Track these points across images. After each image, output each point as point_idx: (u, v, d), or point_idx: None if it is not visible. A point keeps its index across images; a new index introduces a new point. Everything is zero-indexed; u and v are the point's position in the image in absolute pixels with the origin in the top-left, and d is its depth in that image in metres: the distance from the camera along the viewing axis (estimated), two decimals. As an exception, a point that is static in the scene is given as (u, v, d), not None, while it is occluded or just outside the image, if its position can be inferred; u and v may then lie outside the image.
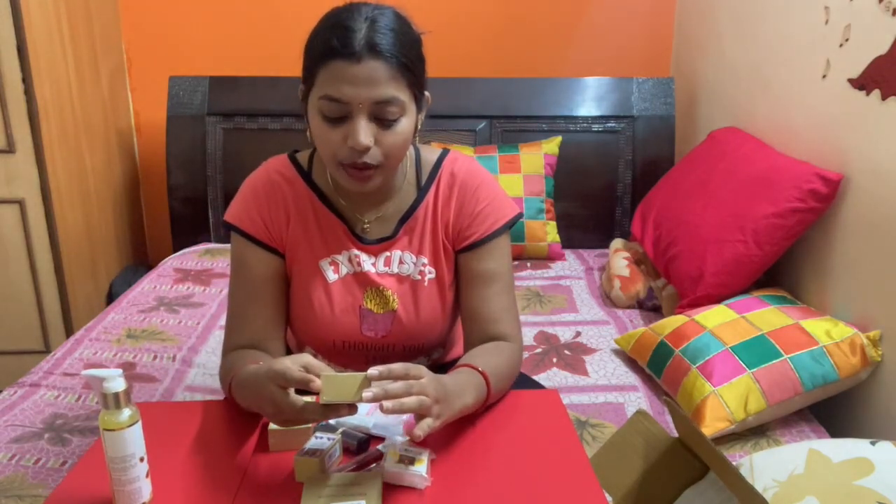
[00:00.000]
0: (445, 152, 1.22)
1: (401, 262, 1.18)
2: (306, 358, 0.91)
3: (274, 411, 0.91)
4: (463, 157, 1.22)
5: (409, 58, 1.03)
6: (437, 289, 1.19)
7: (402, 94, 1.03)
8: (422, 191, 1.18)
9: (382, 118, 1.02)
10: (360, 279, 1.17)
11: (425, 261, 1.18)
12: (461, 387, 1.00)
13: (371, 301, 1.17)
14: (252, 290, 1.16)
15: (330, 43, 1.00)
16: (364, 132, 1.01)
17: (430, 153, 1.22)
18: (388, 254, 1.18)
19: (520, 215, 1.21)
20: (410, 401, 0.88)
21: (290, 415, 0.90)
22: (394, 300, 1.17)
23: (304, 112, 1.09)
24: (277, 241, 1.16)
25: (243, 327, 1.15)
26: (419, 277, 1.18)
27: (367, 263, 1.17)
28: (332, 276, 1.17)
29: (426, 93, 1.11)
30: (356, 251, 1.17)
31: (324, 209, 1.17)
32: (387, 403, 0.86)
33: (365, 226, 1.18)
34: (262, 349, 1.14)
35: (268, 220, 1.15)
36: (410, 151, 1.19)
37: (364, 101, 1.00)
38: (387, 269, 1.18)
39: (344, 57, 0.99)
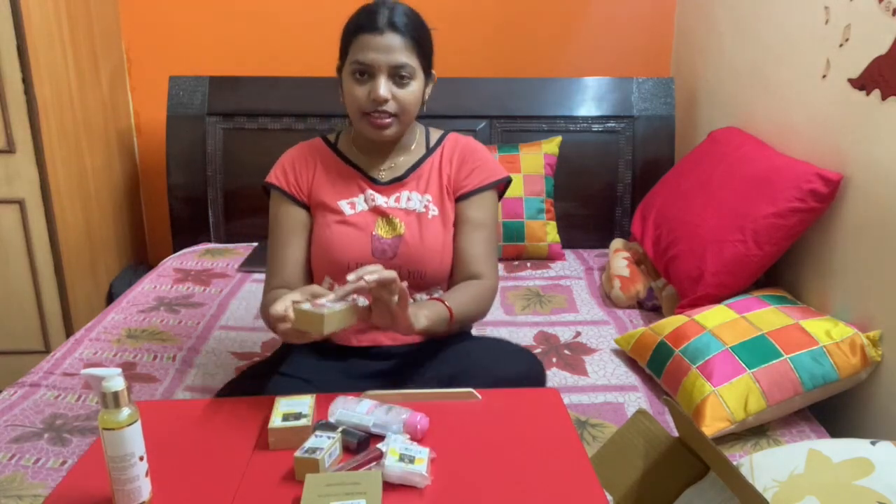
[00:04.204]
0: (448, 131, 1.51)
1: (409, 199, 1.42)
2: (313, 287, 1.16)
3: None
4: (462, 135, 1.52)
5: (419, 35, 1.33)
6: (441, 224, 1.42)
7: (413, 62, 1.32)
8: (429, 150, 1.46)
9: (398, 77, 1.31)
10: (374, 211, 1.41)
11: (430, 198, 1.42)
12: (421, 305, 1.27)
13: (381, 228, 1.40)
14: (284, 239, 1.41)
15: (360, 21, 1.32)
16: (384, 87, 1.30)
17: (436, 131, 1.51)
18: (398, 193, 1.42)
19: (509, 180, 1.48)
20: (372, 270, 1.10)
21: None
22: (401, 226, 1.39)
23: (339, 84, 1.38)
24: (305, 195, 1.43)
25: (277, 270, 1.40)
26: (424, 210, 1.41)
27: (380, 199, 1.41)
28: (349, 210, 1.40)
29: (433, 71, 1.41)
30: (371, 191, 1.42)
31: (345, 165, 1.44)
32: (352, 276, 1.08)
33: (381, 172, 1.43)
34: (293, 288, 1.30)
35: (299, 178, 1.43)
36: (421, 128, 1.48)
37: (384, 65, 1.30)
38: (397, 204, 1.41)
39: (370, 31, 1.30)
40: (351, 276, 1.09)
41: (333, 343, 1.39)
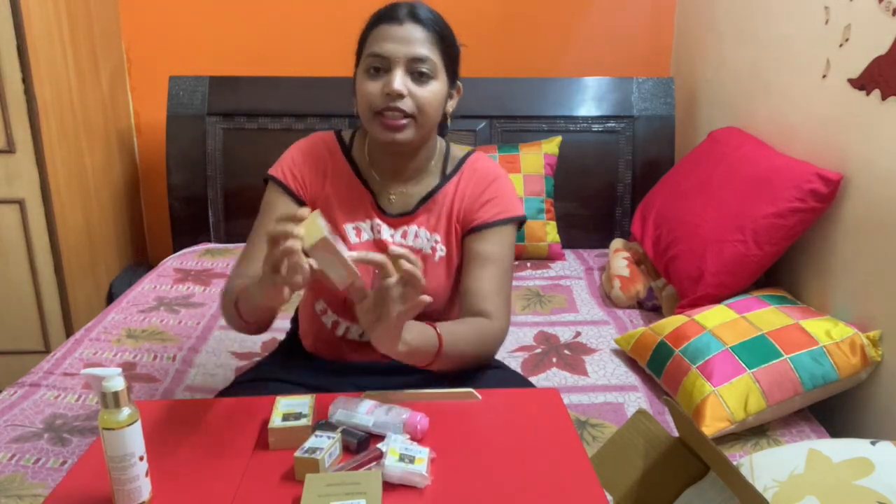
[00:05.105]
0: (472, 151, 1.36)
1: (416, 236, 1.29)
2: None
3: (267, 265, 0.97)
4: (487, 157, 1.36)
5: (444, 32, 1.22)
6: (445, 266, 1.29)
7: (435, 57, 1.19)
8: (445, 178, 1.31)
9: (417, 73, 1.18)
10: (378, 245, 1.27)
11: (438, 238, 1.29)
12: (409, 325, 1.08)
13: None
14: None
15: (379, 13, 1.22)
16: (399, 80, 1.17)
17: (459, 150, 1.35)
18: (405, 227, 1.29)
19: (524, 219, 1.33)
20: (411, 259, 0.98)
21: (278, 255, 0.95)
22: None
23: (353, 88, 1.24)
24: (308, 197, 1.30)
25: (254, 257, 1.22)
26: (430, 252, 1.28)
27: (386, 233, 1.28)
28: (353, 238, 1.28)
29: (459, 83, 1.29)
30: (378, 220, 1.29)
31: (356, 180, 1.30)
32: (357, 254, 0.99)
33: (391, 197, 1.30)
34: None
35: (305, 175, 1.30)
36: (441, 144, 1.34)
37: (401, 57, 1.17)
38: (403, 240, 1.28)
39: (389, 21, 1.19)
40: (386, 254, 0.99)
41: (326, 359, 1.34)
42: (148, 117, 2.82)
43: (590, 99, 2.62)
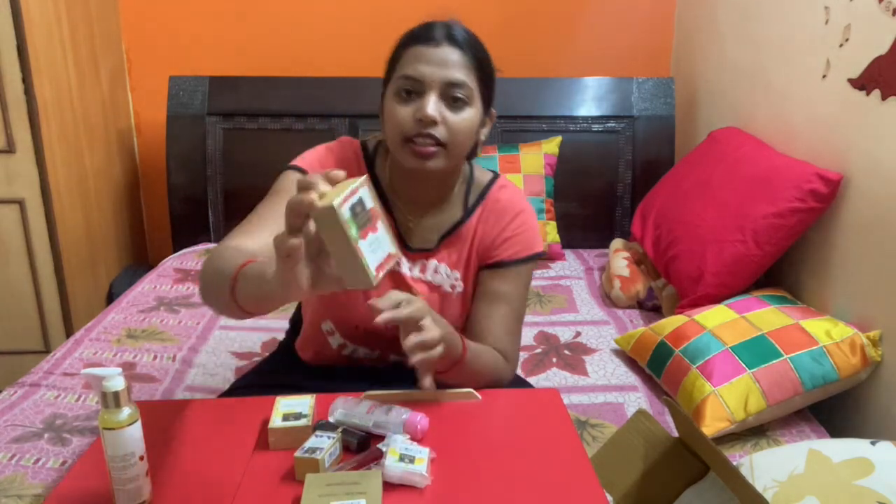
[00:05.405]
0: (496, 177, 1.28)
1: (436, 271, 1.23)
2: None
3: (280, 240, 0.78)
4: (511, 186, 1.29)
5: (482, 57, 1.14)
6: (461, 301, 1.25)
7: (471, 82, 1.12)
8: (467, 212, 1.24)
9: (452, 98, 1.11)
10: (395, 278, 1.21)
11: (458, 275, 1.23)
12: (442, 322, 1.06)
13: None
14: (281, 209, 1.04)
15: (414, 33, 1.14)
16: (433, 105, 1.09)
17: (482, 174, 1.28)
18: (425, 261, 1.23)
19: (543, 254, 1.28)
20: (406, 310, 0.97)
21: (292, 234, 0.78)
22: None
23: (380, 112, 1.17)
24: None
25: (254, 232, 1.09)
26: (450, 290, 1.23)
27: (405, 266, 1.22)
28: None
29: (493, 110, 1.21)
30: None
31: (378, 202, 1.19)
32: (383, 310, 0.96)
33: (409, 225, 1.22)
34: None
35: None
36: (465, 168, 1.25)
37: (436, 80, 1.09)
38: (422, 275, 1.23)
39: (424, 42, 1.11)
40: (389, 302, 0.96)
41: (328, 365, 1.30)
42: (148, 117, 2.82)
43: (590, 99, 2.62)
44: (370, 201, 0.80)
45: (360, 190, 0.79)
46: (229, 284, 0.92)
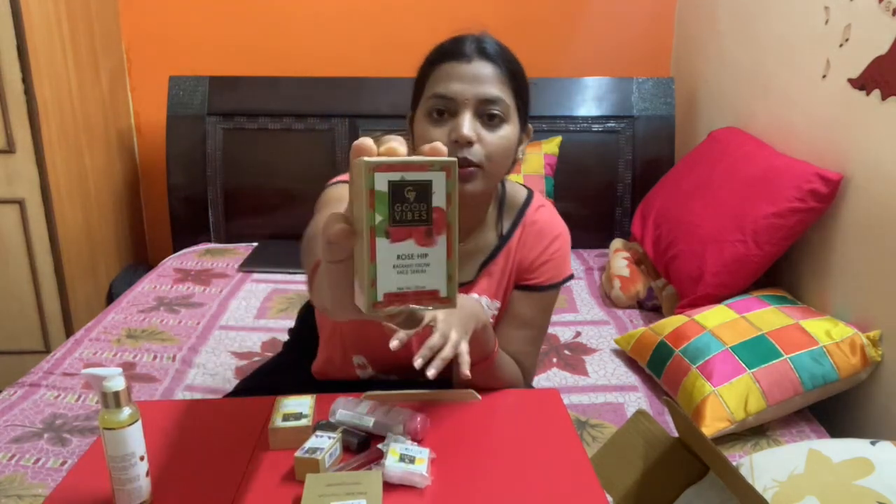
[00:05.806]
0: (530, 196, 1.22)
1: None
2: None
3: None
4: (548, 206, 1.24)
5: (516, 70, 1.09)
6: (495, 321, 1.21)
7: (507, 98, 1.06)
8: (504, 238, 1.18)
9: (487, 116, 1.05)
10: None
11: (498, 304, 1.19)
12: (473, 311, 1.03)
13: None
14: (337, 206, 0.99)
15: (443, 49, 1.08)
16: (468, 125, 1.03)
17: (516, 192, 1.22)
18: (465, 293, 1.17)
19: (572, 276, 1.24)
20: (447, 351, 0.93)
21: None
22: None
23: (409, 134, 1.11)
24: None
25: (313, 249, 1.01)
26: (490, 320, 1.17)
27: None
28: None
29: (529, 125, 1.15)
30: None
31: None
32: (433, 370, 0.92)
33: None
34: None
35: None
36: (497, 192, 1.19)
37: (470, 98, 1.03)
38: None
39: (455, 58, 1.05)
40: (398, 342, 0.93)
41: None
42: (148, 117, 2.82)
43: (590, 99, 2.62)
44: (440, 199, 0.53)
45: (433, 175, 0.52)
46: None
